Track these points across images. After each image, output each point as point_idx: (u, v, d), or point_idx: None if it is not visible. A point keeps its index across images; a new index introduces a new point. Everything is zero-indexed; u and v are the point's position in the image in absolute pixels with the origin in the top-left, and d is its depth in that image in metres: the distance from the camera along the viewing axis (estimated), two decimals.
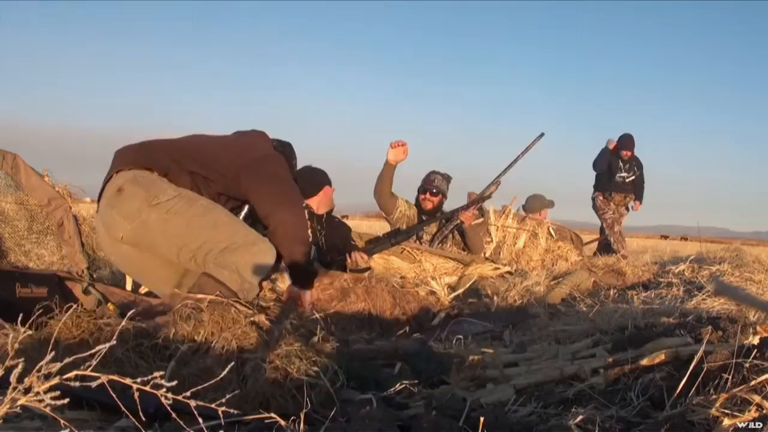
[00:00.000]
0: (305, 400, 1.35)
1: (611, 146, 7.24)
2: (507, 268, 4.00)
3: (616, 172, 7.22)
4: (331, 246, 3.27)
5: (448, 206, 4.61)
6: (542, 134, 4.27)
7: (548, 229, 5.53)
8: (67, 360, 0.87)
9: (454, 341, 2.27)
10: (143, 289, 2.96)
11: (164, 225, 2.14)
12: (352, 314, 2.72)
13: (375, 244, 3.50)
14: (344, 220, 3.80)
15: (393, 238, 3.52)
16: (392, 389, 1.56)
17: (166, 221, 2.14)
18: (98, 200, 2.30)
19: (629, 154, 7.20)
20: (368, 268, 3.18)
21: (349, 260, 3.15)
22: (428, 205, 4.46)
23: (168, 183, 2.22)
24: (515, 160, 4.22)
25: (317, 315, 1.88)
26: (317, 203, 2.92)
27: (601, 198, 7.35)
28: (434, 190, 4.43)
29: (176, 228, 2.14)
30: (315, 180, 2.92)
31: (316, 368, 1.48)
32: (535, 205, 6.10)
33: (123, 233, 2.17)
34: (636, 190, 7.33)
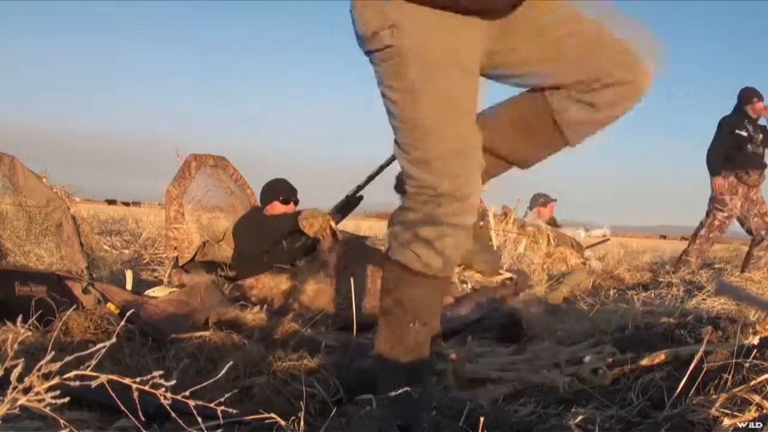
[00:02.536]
0: (304, 405, 1.35)
1: None
2: (509, 275, 3.87)
3: (747, 143, 4.85)
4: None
5: None
6: None
7: (548, 236, 5.57)
8: (67, 358, 0.87)
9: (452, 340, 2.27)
10: (151, 292, 2.96)
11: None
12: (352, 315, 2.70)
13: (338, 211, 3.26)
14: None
15: (351, 197, 3.24)
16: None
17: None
18: None
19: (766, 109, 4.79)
20: (335, 238, 3.07)
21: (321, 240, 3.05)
22: None
23: None
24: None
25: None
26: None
27: (719, 181, 4.92)
28: None
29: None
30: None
31: (314, 381, 1.49)
32: (538, 199, 6.18)
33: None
34: None
